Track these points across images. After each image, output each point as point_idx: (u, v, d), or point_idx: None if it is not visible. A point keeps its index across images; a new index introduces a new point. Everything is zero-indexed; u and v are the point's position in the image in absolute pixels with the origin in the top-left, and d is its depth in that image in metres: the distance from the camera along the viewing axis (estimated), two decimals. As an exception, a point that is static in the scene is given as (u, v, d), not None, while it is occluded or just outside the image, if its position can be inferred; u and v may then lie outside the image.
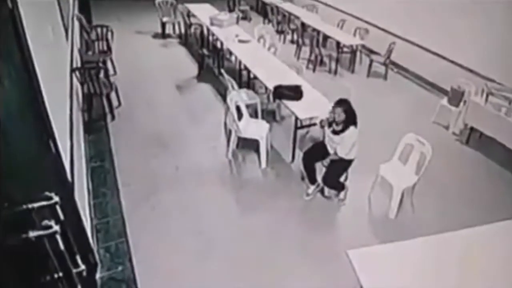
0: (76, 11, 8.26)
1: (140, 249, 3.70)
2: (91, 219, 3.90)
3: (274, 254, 3.80)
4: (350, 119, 4.05)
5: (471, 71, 7.02)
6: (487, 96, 5.63)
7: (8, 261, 1.34)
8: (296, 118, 4.88)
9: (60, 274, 1.73)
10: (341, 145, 4.12)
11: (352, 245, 2.75)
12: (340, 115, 4.00)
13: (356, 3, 9.94)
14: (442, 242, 2.87)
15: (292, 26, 10.42)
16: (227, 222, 4.16)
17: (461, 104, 6.18)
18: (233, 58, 7.86)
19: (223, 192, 4.63)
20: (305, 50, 9.01)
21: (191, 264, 3.61)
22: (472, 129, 5.93)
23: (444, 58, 7.67)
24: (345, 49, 8.75)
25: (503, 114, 5.40)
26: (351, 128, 4.06)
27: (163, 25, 9.99)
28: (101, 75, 5.73)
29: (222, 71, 6.22)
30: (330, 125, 4.19)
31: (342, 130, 4.08)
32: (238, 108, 5.13)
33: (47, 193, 1.78)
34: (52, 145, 2.41)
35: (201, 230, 4.02)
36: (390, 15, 8.80)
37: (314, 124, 5.07)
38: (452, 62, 7.48)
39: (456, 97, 6.26)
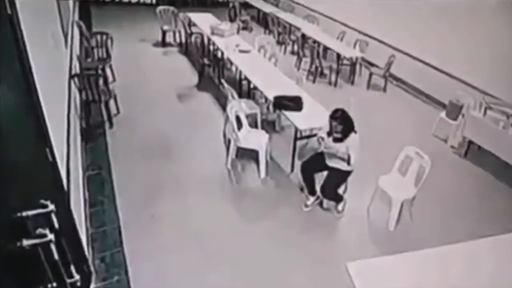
0: (76, 18, 8.29)
1: (136, 259, 3.64)
2: (87, 228, 3.85)
3: (273, 264, 3.76)
4: (349, 126, 4.09)
5: (469, 85, 7.05)
6: (485, 110, 5.64)
7: (1, 270, 1.31)
8: (296, 129, 4.88)
9: (54, 284, 1.69)
10: (351, 152, 4.09)
11: (351, 256, 2.73)
12: (337, 127, 4.04)
13: (356, 16, 9.99)
14: (441, 255, 2.84)
15: (292, 37, 10.45)
16: (226, 232, 4.13)
17: (460, 117, 6.19)
18: (233, 68, 7.88)
19: (222, 201, 4.60)
20: (306, 61, 9.03)
21: (189, 275, 3.56)
22: (470, 142, 5.93)
23: (443, 72, 7.70)
24: (345, 61, 8.78)
25: (501, 128, 5.42)
26: (352, 135, 4.10)
27: (164, 33, 10.00)
28: (100, 82, 5.70)
29: (222, 80, 6.22)
30: (329, 134, 4.19)
31: (345, 137, 4.10)
32: (238, 118, 5.12)
33: (42, 201, 1.75)
34: (48, 152, 2.38)
35: (200, 239, 3.98)
36: (390, 28, 8.84)
37: (314, 135, 5.06)
38: (451, 76, 7.52)
39: (454, 110, 6.27)
